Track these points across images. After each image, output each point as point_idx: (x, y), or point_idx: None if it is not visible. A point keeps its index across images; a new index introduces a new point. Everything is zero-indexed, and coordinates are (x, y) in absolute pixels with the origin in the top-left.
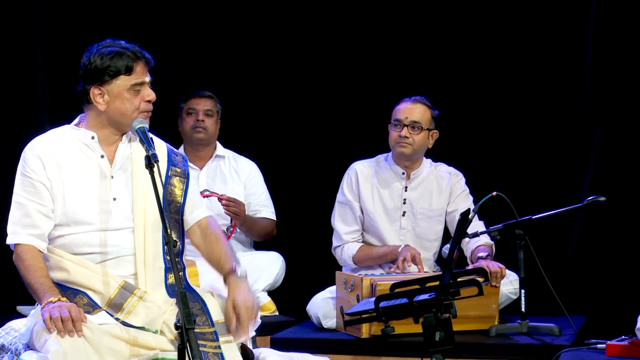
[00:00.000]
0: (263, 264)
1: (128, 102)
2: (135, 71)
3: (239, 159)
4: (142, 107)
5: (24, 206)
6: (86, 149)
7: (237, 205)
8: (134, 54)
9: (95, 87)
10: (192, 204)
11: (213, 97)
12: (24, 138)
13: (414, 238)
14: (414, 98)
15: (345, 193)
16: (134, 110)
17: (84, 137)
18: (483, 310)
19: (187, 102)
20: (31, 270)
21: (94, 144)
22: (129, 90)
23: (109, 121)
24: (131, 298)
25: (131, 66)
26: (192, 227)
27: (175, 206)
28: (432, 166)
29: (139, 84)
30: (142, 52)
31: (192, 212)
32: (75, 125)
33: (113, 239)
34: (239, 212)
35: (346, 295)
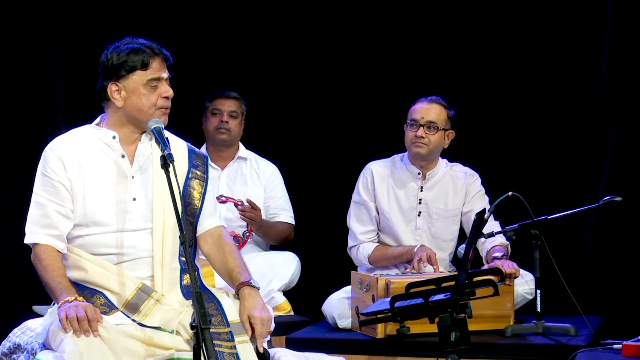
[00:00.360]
0: (278, 264)
1: (144, 98)
2: (152, 66)
3: (261, 162)
4: (159, 103)
5: (43, 206)
6: (107, 149)
7: (253, 211)
8: (150, 50)
9: (113, 83)
10: (208, 211)
11: (239, 98)
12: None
13: (430, 238)
14: (430, 98)
15: (361, 193)
16: (150, 105)
17: (104, 137)
18: (498, 310)
19: (213, 102)
20: (49, 269)
21: (115, 143)
22: (146, 85)
23: (127, 118)
24: (148, 300)
25: (147, 61)
26: (204, 234)
27: (192, 209)
28: (448, 166)
29: (155, 79)
30: (159, 48)
31: (206, 219)
32: (96, 125)
33: (131, 241)
34: (255, 217)
35: (361, 295)
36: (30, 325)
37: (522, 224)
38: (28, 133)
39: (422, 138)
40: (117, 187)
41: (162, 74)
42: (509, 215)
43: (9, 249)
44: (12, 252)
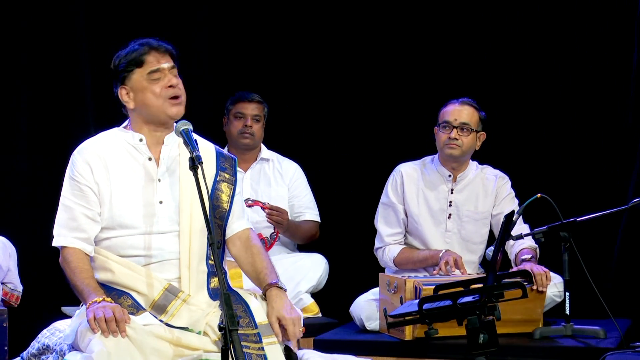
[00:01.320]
0: (306, 265)
1: (149, 92)
2: (148, 61)
3: (283, 161)
4: (164, 94)
5: (70, 209)
6: (134, 151)
7: (279, 214)
8: (145, 46)
9: (121, 87)
10: (236, 214)
11: (262, 101)
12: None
13: (460, 240)
14: (462, 100)
15: (390, 195)
16: (156, 98)
17: (132, 139)
18: (527, 313)
19: (236, 105)
20: (77, 271)
21: (141, 146)
22: (147, 80)
23: (143, 118)
24: (175, 301)
25: (142, 58)
26: (232, 237)
27: (220, 212)
28: (478, 169)
29: (154, 71)
30: (157, 41)
31: (234, 222)
32: (123, 128)
33: (158, 243)
34: (282, 220)
35: (389, 297)
36: (59, 326)
37: (550, 226)
38: (58, 136)
39: (456, 140)
40: (144, 190)
41: (161, 64)
42: (538, 217)
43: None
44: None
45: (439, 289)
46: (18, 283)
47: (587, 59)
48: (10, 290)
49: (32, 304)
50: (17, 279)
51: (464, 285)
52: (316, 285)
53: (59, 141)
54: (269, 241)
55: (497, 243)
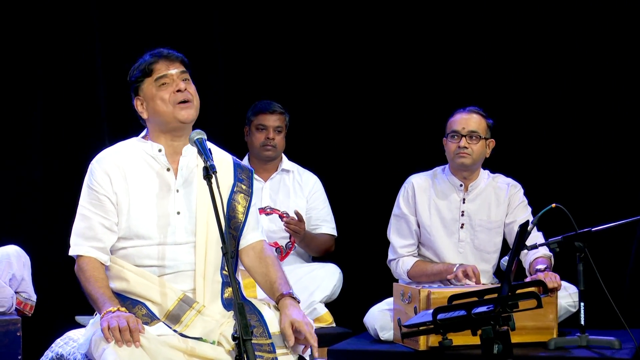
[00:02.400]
0: (320, 275)
1: (158, 99)
2: (156, 69)
3: (304, 173)
4: (172, 99)
5: (87, 218)
6: (152, 162)
7: (297, 223)
8: (154, 56)
9: (136, 98)
10: (251, 225)
11: (283, 112)
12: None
13: (473, 250)
14: (469, 108)
15: (401, 206)
16: (165, 104)
17: (150, 150)
18: (541, 322)
19: (257, 117)
20: (92, 281)
21: (160, 156)
22: (156, 87)
23: (158, 127)
24: (189, 311)
25: (151, 68)
26: (245, 248)
27: (235, 223)
28: (490, 177)
29: (161, 78)
30: (164, 50)
31: (248, 233)
32: (142, 138)
33: (173, 253)
34: (299, 230)
35: (403, 307)
36: (73, 335)
37: (565, 236)
38: (72, 145)
39: (465, 148)
40: (162, 201)
41: (170, 70)
42: (553, 227)
43: (52, 260)
44: (54, 263)
45: (453, 299)
46: (32, 292)
47: (602, 66)
48: (24, 299)
49: (46, 313)
50: (30, 288)
51: (479, 295)
52: (330, 295)
53: (73, 151)
54: (285, 250)
55: (512, 253)
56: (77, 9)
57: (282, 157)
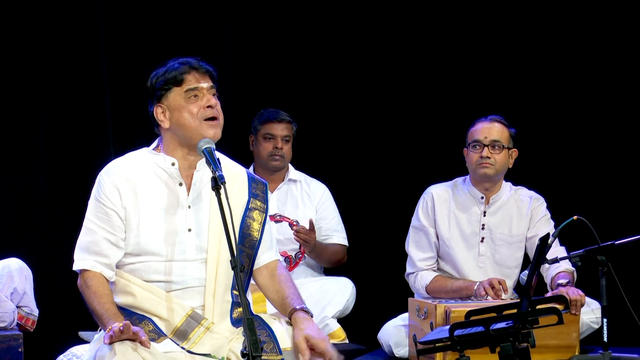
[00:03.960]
0: (333, 289)
1: (186, 111)
2: (187, 80)
3: (311, 183)
4: (201, 114)
5: (93, 233)
6: (164, 176)
7: (308, 232)
8: (185, 65)
9: (157, 105)
10: (265, 244)
11: (291, 120)
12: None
13: (493, 265)
14: (490, 117)
15: (421, 218)
16: (193, 118)
17: (163, 163)
18: (562, 340)
19: (264, 126)
20: (97, 296)
21: (173, 170)
22: (185, 99)
23: (178, 140)
24: (198, 328)
25: (181, 78)
26: (260, 268)
27: (250, 240)
28: (512, 190)
29: (191, 90)
30: (197, 61)
31: (263, 252)
32: (153, 150)
33: (182, 269)
34: (310, 239)
35: (419, 323)
36: (76, 351)
37: (587, 250)
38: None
39: (488, 158)
40: (173, 217)
41: (200, 83)
42: (575, 240)
43: (55, 274)
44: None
45: (470, 315)
46: (34, 307)
47: (626, 76)
48: (25, 314)
49: (49, 329)
50: (33, 302)
51: (497, 310)
52: (343, 310)
53: (78, 161)
54: (294, 260)
55: (532, 267)
56: (82, 18)
57: (289, 166)
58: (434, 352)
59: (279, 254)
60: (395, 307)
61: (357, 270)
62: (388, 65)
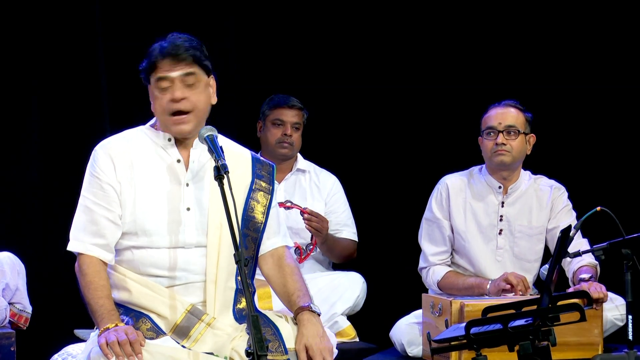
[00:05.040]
0: (343, 285)
1: (157, 102)
2: (158, 67)
3: (321, 173)
4: (167, 107)
5: (90, 211)
6: (162, 152)
7: (320, 220)
8: (159, 49)
9: (149, 85)
10: (271, 228)
11: (302, 107)
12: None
13: (512, 259)
14: (504, 102)
15: (434, 210)
16: (162, 112)
17: (159, 139)
18: (585, 337)
19: (274, 111)
20: (92, 287)
21: (170, 146)
22: (155, 86)
23: None
24: (198, 324)
25: (155, 63)
26: (265, 254)
27: (254, 224)
28: (531, 179)
29: (160, 79)
30: (169, 44)
31: (269, 237)
32: (150, 126)
33: (183, 261)
34: (321, 228)
35: (433, 320)
36: (72, 350)
37: (611, 243)
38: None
39: (504, 145)
40: (170, 195)
41: (171, 73)
42: (598, 232)
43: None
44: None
45: (488, 312)
46: (27, 303)
47: None
48: (18, 311)
49: (42, 327)
50: (25, 299)
51: (516, 307)
52: (353, 307)
53: (73, 149)
54: (305, 251)
55: (553, 260)
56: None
57: (298, 156)
58: (449, 351)
59: (289, 239)
60: (408, 304)
61: (368, 265)
62: (401, 51)
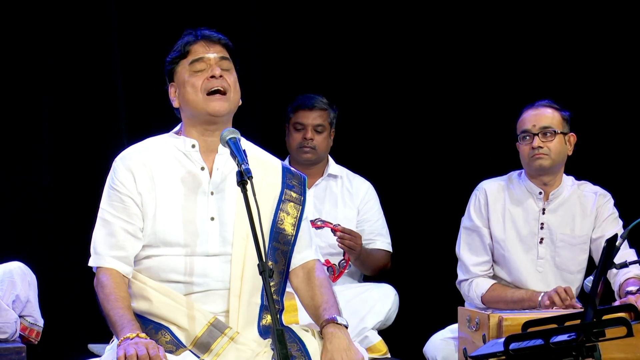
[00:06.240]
0: (373, 297)
1: (189, 86)
2: (192, 51)
3: (354, 179)
4: (204, 86)
5: (109, 224)
6: (184, 159)
7: (353, 238)
8: (192, 35)
9: (171, 85)
10: (303, 241)
11: (326, 106)
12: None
13: (554, 269)
14: (538, 103)
15: (473, 217)
16: (196, 92)
17: (183, 146)
18: (632, 353)
19: (296, 114)
20: (111, 299)
21: (194, 153)
22: (189, 72)
23: (189, 120)
24: (221, 338)
25: (187, 49)
26: (296, 268)
27: (284, 236)
28: (575, 185)
29: (196, 61)
30: (206, 30)
31: (300, 251)
32: (174, 133)
33: (204, 268)
34: (355, 245)
35: (470, 335)
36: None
37: None
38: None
39: (540, 148)
40: (194, 204)
41: (206, 54)
42: None
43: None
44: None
45: (528, 326)
46: (38, 316)
47: None
48: (29, 324)
49: (55, 341)
50: (37, 311)
51: (558, 321)
52: (384, 321)
53: (86, 154)
54: (338, 270)
55: (598, 272)
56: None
57: (329, 160)
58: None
59: (319, 254)
60: (443, 318)
61: (400, 276)
62: (438, 47)
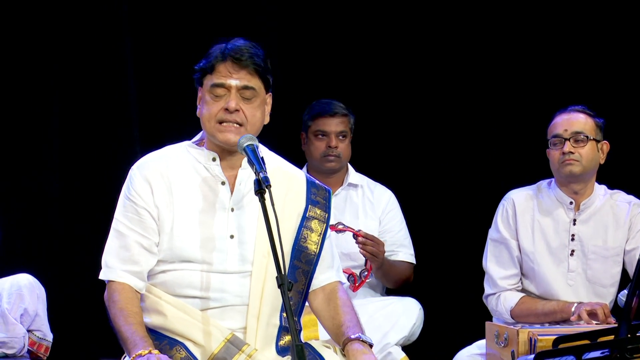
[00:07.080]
0: (397, 311)
1: (206, 106)
2: (217, 70)
3: (375, 188)
4: (218, 116)
5: (123, 236)
6: (205, 173)
7: (375, 244)
8: (222, 51)
9: (200, 88)
10: (325, 261)
11: (346, 113)
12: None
13: (585, 283)
14: (570, 108)
15: (500, 229)
16: (209, 117)
17: (203, 158)
18: None
19: (316, 121)
20: (123, 314)
21: (214, 167)
22: (209, 92)
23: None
24: (238, 355)
25: (213, 64)
26: (316, 289)
27: (307, 255)
28: (607, 194)
29: (217, 86)
30: (235, 49)
31: (322, 272)
32: (195, 143)
33: (221, 283)
34: (378, 252)
35: (498, 352)
36: None
37: None
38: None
39: (571, 154)
40: (213, 221)
41: (228, 80)
42: None
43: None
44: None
45: (559, 342)
46: (47, 331)
47: None
48: (38, 339)
49: (64, 356)
50: (46, 325)
51: (591, 337)
52: (409, 336)
53: (97, 161)
54: (359, 279)
55: (632, 285)
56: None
57: (349, 168)
58: None
59: (342, 274)
60: (470, 333)
61: (425, 289)
62: (463, 51)
